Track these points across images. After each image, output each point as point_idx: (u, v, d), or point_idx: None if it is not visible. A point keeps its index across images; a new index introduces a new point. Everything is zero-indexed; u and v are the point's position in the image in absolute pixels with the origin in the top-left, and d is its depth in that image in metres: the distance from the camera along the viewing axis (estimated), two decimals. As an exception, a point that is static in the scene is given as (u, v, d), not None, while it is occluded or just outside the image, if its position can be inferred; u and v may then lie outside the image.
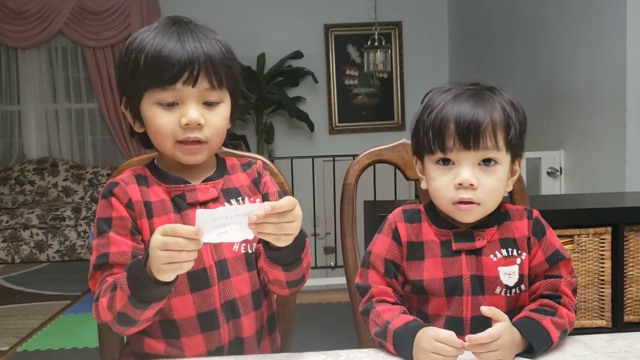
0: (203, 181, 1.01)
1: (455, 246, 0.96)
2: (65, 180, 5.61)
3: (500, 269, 0.95)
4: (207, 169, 1.04)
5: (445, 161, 0.95)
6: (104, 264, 0.94)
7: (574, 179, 3.23)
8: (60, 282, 4.25)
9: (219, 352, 0.98)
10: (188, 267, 0.81)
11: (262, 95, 5.34)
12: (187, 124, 0.94)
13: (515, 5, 4.10)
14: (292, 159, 4.35)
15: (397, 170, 1.27)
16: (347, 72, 5.71)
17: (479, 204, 0.94)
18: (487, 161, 0.93)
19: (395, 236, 1.00)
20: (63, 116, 5.75)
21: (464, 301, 0.95)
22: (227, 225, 0.81)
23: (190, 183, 1.00)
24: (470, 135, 0.92)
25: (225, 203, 1.00)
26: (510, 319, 0.95)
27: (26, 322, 3.42)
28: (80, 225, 5.14)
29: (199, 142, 0.96)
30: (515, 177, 1.01)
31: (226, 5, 5.46)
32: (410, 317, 0.93)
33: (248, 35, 5.43)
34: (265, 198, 1.06)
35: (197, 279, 0.96)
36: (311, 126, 5.43)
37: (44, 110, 5.73)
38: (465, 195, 0.93)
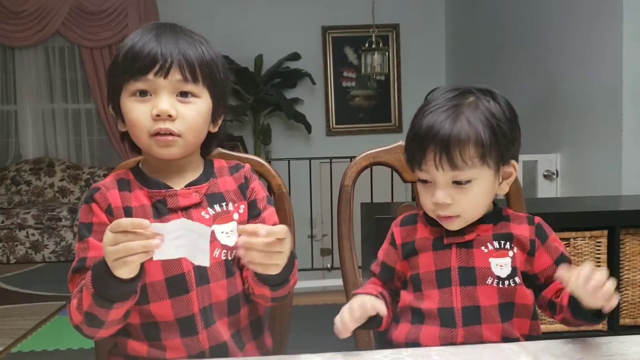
0: (186, 185, 1.00)
1: (446, 240, 1.00)
2: (61, 180, 5.60)
3: (491, 260, 0.98)
4: (193, 171, 1.03)
5: (423, 181, 0.98)
6: (81, 268, 0.95)
7: (571, 181, 3.24)
8: (56, 283, 4.23)
9: (201, 356, 0.97)
10: (136, 260, 0.80)
11: (259, 97, 5.33)
12: (157, 115, 0.94)
13: (513, 8, 4.11)
14: (289, 161, 4.34)
15: (394, 172, 1.28)
16: (345, 74, 5.72)
17: (458, 216, 0.97)
18: (458, 182, 0.95)
19: (392, 241, 1.06)
20: (60, 116, 5.74)
21: (453, 292, 0.98)
22: (185, 238, 0.80)
23: (172, 188, 0.99)
24: (436, 157, 0.93)
25: (209, 208, 0.99)
26: (508, 312, 0.98)
27: (21, 323, 3.41)
28: (76, 225, 5.12)
29: (171, 134, 0.95)
30: (511, 179, 1.01)
31: (224, 7, 5.46)
32: (368, 290, 1.00)
33: (246, 37, 5.43)
34: (252, 205, 1.04)
35: (175, 284, 0.96)
36: (308, 128, 5.43)
37: (40, 110, 5.72)
38: (442, 212, 0.97)
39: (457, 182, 0.95)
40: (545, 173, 3.30)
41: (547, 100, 3.55)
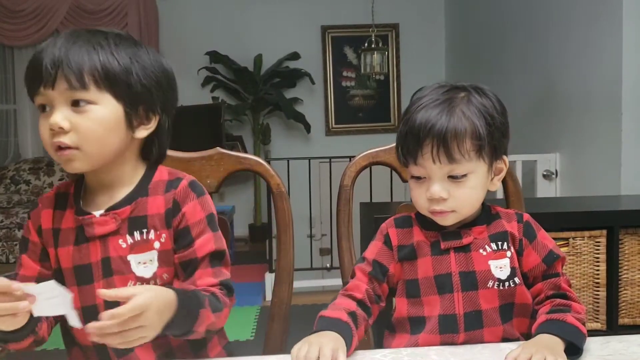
0: (107, 209, 0.95)
1: (443, 245, 0.98)
2: (60, 180, 5.59)
3: (491, 262, 0.97)
4: (124, 186, 0.97)
5: (417, 177, 0.97)
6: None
7: (570, 181, 3.24)
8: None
9: None
10: (5, 320, 0.82)
11: (258, 96, 5.34)
12: (51, 129, 0.89)
13: (512, 8, 4.11)
14: (288, 160, 4.35)
15: (393, 171, 1.28)
16: (344, 73, 5.72)
17: (453, 211, 0.96)
18: (454, 177, 0.94)
19: (387, 241, 1.02)
20: (59, 116, 5.73)
21: (455, 298, 0.96)
22: (61, 297, 0.82)
23: (90, 214, 0.95)
24: (434, 151, 0.92)
25: (127, 236, 0.94)
26: (508, 313, 0.97)
27: (20, 322, 3.41)
28: (76, 225, 5.13)
29: (68, 147, 0.89)
30: (501, 175, 1.01)
31: (223, 6, 5.46)
32: (337, 314, 0.94)
33: (245, 36, 5.43)
34: (182, 233, 0.96)
35: (89, 315, 0.92)
36: (308, 127, 5.43)
37: (39, 109, 5.72)
38: (437, 207, 0.95)
39: (452, 177, 0.94)
40: (545, 173, 3.30)
41: (547, 100, 3.55)
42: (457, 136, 0.92)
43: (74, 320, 0.83)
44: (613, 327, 1.97)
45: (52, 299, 0.82)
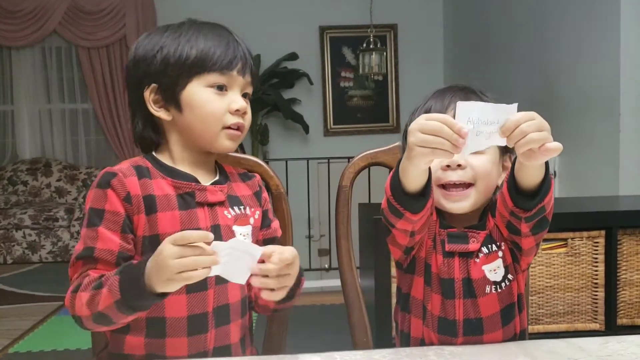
0: (211, 183, 1.02)
1: (448, 247, 0.97)
2: (58, 180, 5.59)
3: (484, 267, 0.97)
4: (212, 171, 1.05)
5: None
6: (88, 257, 0.92)
7: (568, 182, 3.24)
8: (53, 283, 4.22)
9: (202, 356, 0.96)
10: (201, 276, 0.81)
11: (257, 97, 5.33)
12: (237, 110, 0.99)
13: (511, 9, 4.12)
14: (286, 161, 4.34)
15: (392, 172, 1.27)
16: (342, 74, 5.72)
17: (471, 184, 0.94)
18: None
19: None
20: (57, 116, 5.72)
21: (457, 304, 0.97)
22: (229, 256, 0.82)
23: (199, 183, 1.00)
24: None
25: (230, 208, 1.01)
26: (510, 314, 0.98)
27: (18, 324, 3.40)
28: (74, 226, 5.12)
29: (238, 128, 1.01)
30: (506, 174, 1.00)
31: (221, 7, 5.45)
32: None
33: (243, 37, 5.39)
34: (265, 214, 1.08)
35: None
36: (306, 128, 5.43)
37: (37, 110, 5.71)
38: (454, 176, 0.93)
39: None
40: (543, 173, 3.30)
41: (545, 101, 3.55)
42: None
43: (239, 277, 0.84)
44: (611, 328, 1.97)
45: (222, 257, 0.82)
